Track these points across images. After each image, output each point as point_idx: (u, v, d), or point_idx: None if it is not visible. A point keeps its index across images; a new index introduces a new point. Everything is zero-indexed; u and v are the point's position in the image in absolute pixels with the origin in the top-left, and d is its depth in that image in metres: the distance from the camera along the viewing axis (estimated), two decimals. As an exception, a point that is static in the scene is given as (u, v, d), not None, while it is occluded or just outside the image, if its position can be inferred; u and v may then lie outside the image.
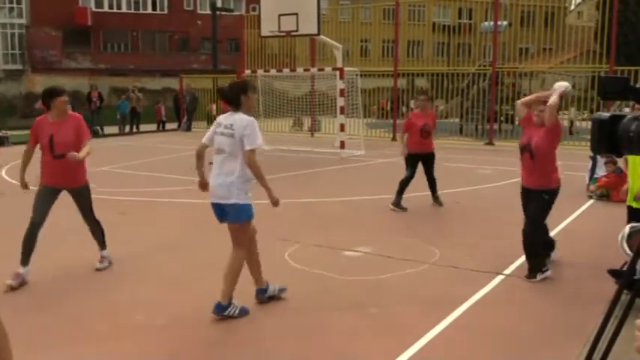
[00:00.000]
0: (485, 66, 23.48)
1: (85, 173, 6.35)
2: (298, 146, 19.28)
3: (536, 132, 6.06)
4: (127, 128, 26.67)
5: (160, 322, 5.03)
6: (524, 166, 6.21)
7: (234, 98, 5.09)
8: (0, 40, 43.39)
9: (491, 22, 23.20)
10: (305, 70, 20.52)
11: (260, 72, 20.18)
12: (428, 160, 9.98)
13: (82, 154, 6.04)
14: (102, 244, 6.62)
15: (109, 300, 5.61)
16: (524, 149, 6.14)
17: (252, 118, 5.03)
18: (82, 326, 4.99)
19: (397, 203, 9.72)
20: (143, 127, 26.90)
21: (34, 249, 6.06)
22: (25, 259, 6.02)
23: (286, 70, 20.25)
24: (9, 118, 26.90)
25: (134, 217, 9.31)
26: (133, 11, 45.57)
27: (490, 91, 21.37)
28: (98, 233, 6.59)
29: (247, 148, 4.91)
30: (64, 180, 6.15)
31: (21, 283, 5.93)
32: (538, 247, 6.21)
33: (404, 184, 9.80)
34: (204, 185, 5.21)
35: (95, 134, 25.05)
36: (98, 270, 6.43)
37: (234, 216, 5.04)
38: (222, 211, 5.08)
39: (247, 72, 20.30)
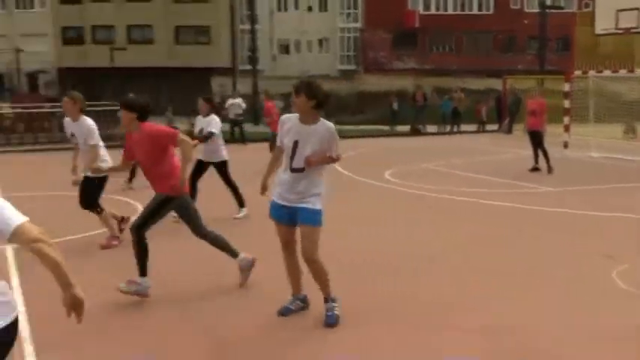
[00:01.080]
0: None
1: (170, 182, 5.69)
2: (634, 155, 17.32)
3: None
4: (447, 128, 27.23)
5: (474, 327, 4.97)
6: None
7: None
8: (338, 42, 48.08)
9: None
10: (645, 71, 18.52)
11: (592, 73, 18.78)
12: None
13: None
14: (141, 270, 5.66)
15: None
16: None
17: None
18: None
19: None
20: (463, 127, 27.17)
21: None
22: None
23: (622, 71, 18.48)
24: (340, 114, 29.36)
25: (448, 214, 9.41)
26: (458, 12, 46.40)
27: None
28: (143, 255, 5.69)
29: None
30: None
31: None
32: None
33: None
34: None
35: (417, 132, 26.40)
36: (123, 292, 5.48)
37: None
38: None
39: (577, 72, 19.09)
